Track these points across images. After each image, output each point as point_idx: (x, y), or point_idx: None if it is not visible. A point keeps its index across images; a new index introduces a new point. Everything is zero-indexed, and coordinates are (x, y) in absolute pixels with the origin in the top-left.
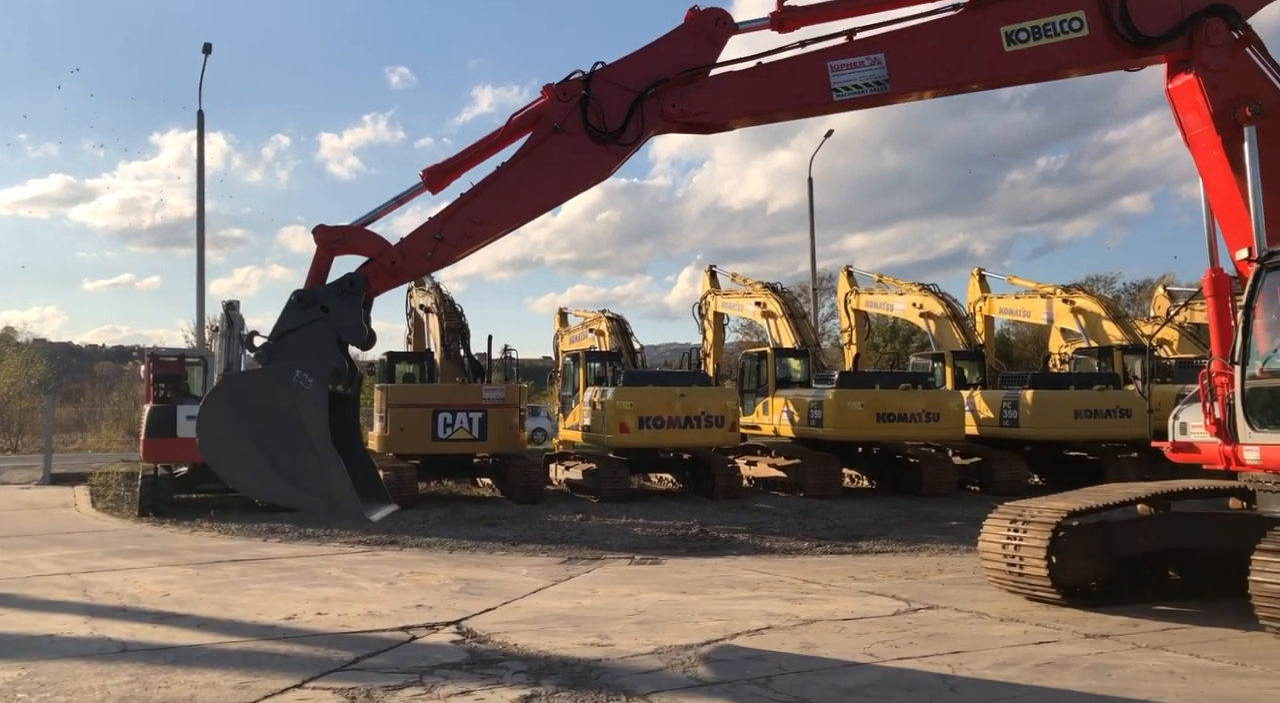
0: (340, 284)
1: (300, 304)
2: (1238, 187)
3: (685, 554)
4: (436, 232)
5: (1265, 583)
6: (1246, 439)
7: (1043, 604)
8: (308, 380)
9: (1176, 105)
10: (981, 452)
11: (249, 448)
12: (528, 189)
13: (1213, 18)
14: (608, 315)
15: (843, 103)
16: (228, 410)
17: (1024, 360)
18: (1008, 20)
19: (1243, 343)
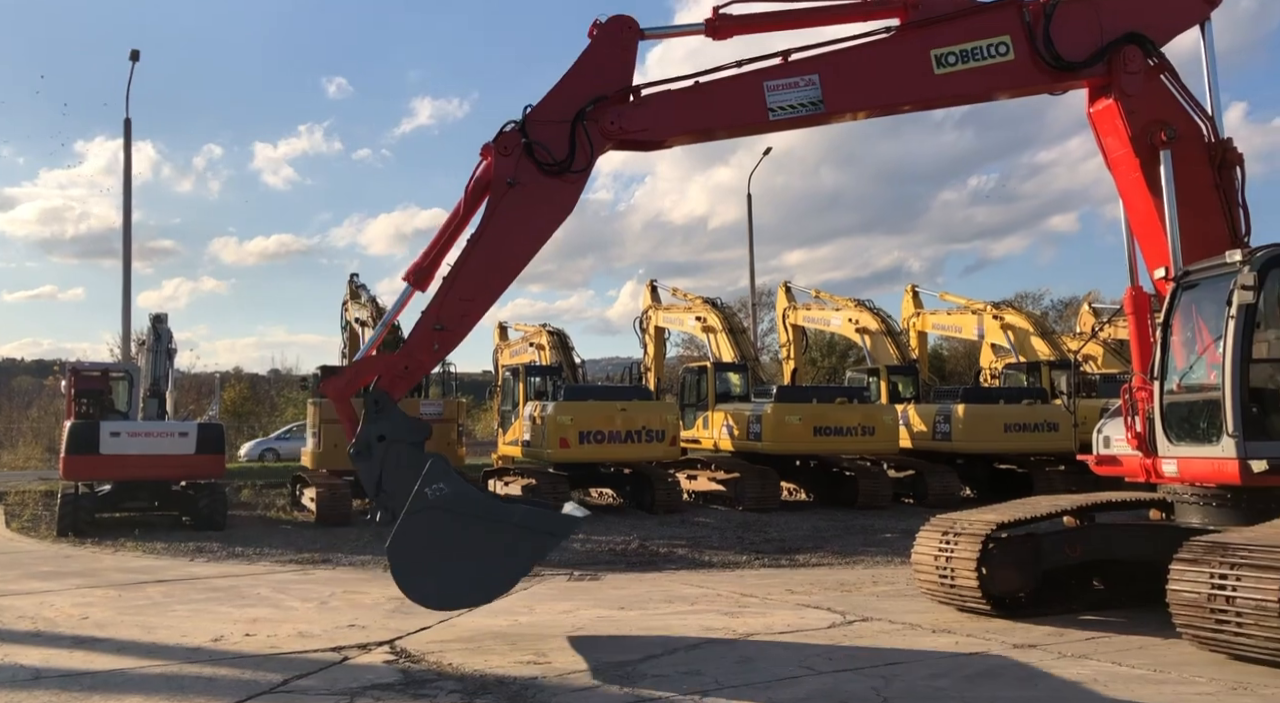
0: (370, 413)
1: (364, 454)
2: (1155, 207)
3: (624, 570)
4: (434, 323)
5: (1182, 592)
6: (1165, 452)
7: (973, 615)
8: (440, 488)
9: (1098, 129)
10: (915, 464)
11: (477, 565)
12: (504, 251)
13: (1130, 45)
14: (548, 329)
15: (779, 122)
16: (437, 562)
17: (956, 375)
18: (937, 44)
19: (1161, 359)
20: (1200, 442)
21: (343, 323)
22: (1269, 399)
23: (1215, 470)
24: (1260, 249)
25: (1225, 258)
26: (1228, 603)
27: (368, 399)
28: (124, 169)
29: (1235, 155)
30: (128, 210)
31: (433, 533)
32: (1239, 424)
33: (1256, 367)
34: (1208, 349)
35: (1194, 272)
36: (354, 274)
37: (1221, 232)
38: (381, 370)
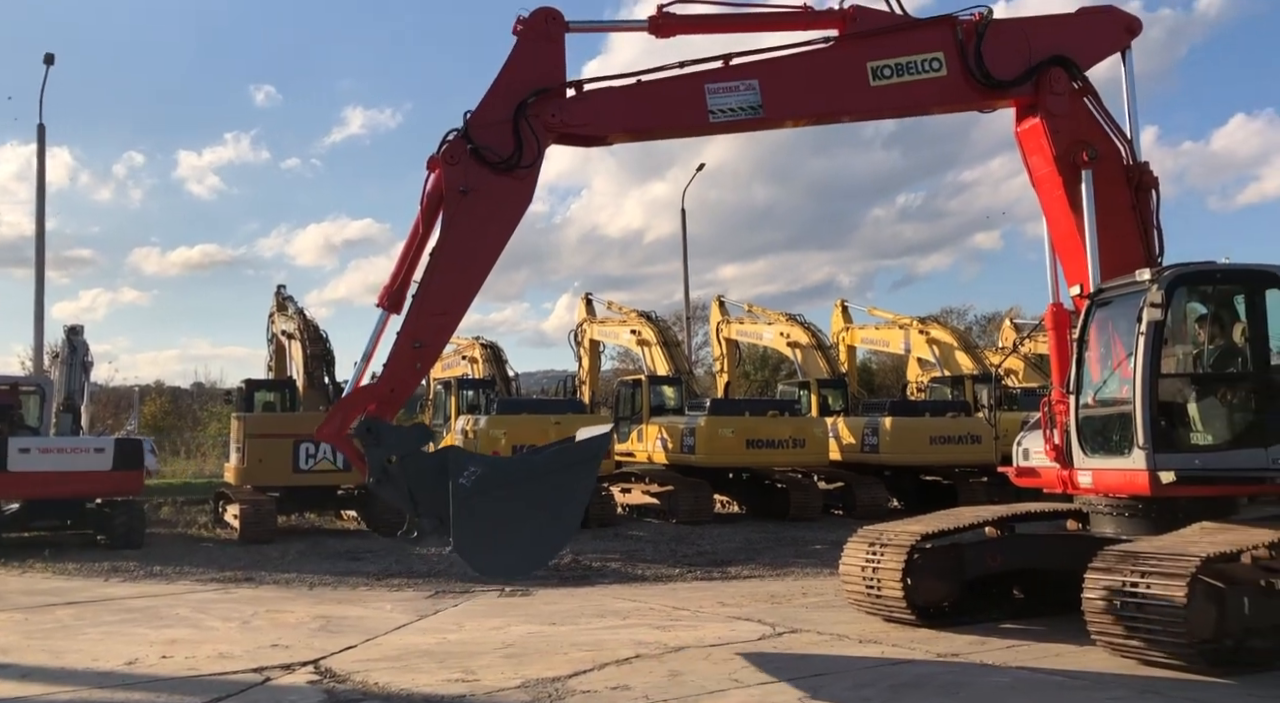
0: (369, 442)
1: (384, 480)
2: (1075, 225)
3: (557, 585)
4: (412, 342)
5: (1096, 600)
6: (1081, 464)
7: (899, 625)
8: (472, 472)
9: (1024, 147)
10: (844, 476)
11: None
12: (468, 259)
13: (1055, 67)
14: (481, 342)
15: (719, 125)
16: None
17: (884, 388)
18: (874, 56)
19: (1076, 374)
20: (1113, 454)
21: (269, 335)
22: (1177, 413)
23: (1127, 482)
24: (1167, 268)
25: (1135, 276)
26: (1138, 610)
27: (359, 430)
28: (37, 176)
29: (1151, 178)
30: (41, 218)
31: (486, 515)
32: (1149, 437)
33: (1165, 381)
34: (1120, 364)
35: (1107, 289)
36: (281, 286)
37: (1137, 251)
38: (368, 401)
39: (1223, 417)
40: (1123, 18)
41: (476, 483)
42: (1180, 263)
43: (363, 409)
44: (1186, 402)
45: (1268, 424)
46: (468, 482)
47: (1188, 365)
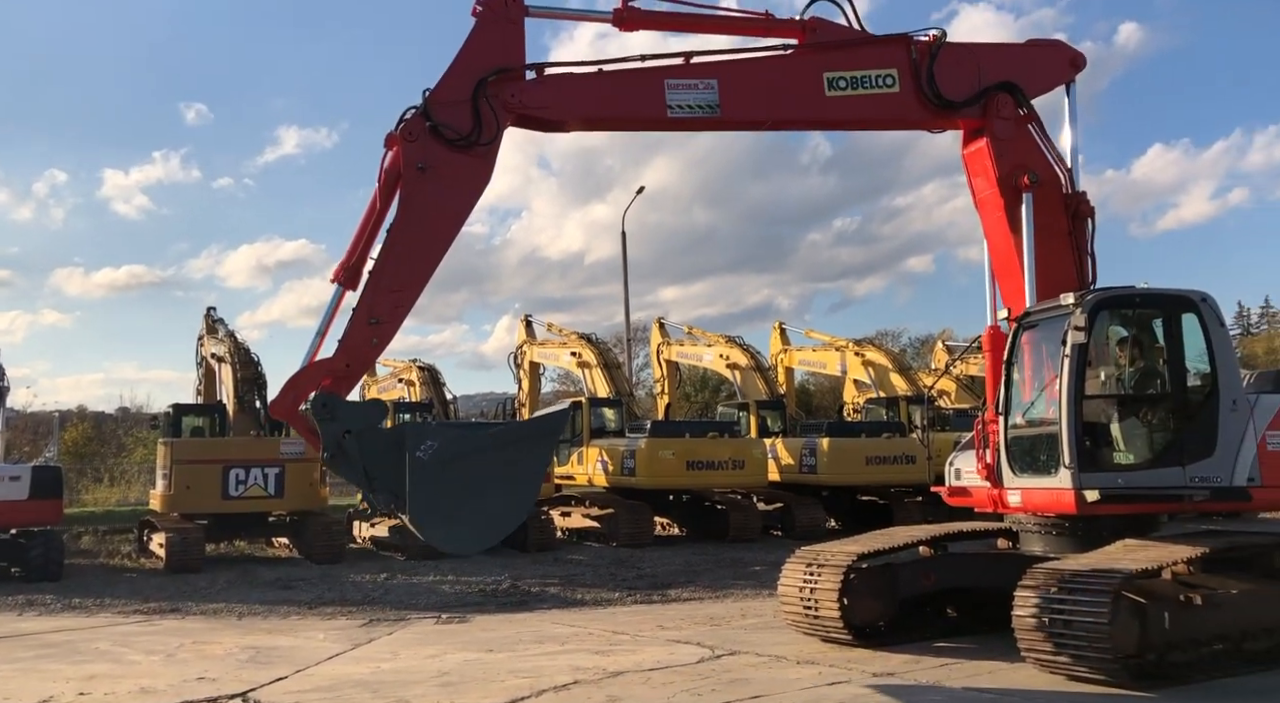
0: (323, 417)
1: (339, 456)
2: (1014, 247)
3: (495, 611)
4: (368, 318)
5: (1025, 617)
6: (1010, 483)
7: (836, 646)
8: (429, 445)
9: (969, 169)
10: (783, 497)
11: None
12: (426, 236)
13: (1003, 93)
14: (418, 365)
15: (676, 121)
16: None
17: (822, 409)
18: (830, 67)
19: (1005, 395)
20: (1040, 474)
21: (198, 359)
22: (1100, 433)
23: (1054, 501)
24: (1090, 293)
25: (1060, 300)
26: (1065, 627)
27: (314, 404)
28: None
29: (1088, 207)
30: None
31: (441, 485)
32: (1074, 457)
33: (1089, 402)
34: (1046, 386)
35: (1033, 313)
36: (211, 308)
37: (1071, 276)
38: (322, 375)
39: (1143, 437)
40: (1068, 52)
41: (434, 456)
42: (1102, 287)
43: (317, 384)
44: (1109, 422)
45: (1185, 444)
46: (425, 455)
47: (1110, 387)
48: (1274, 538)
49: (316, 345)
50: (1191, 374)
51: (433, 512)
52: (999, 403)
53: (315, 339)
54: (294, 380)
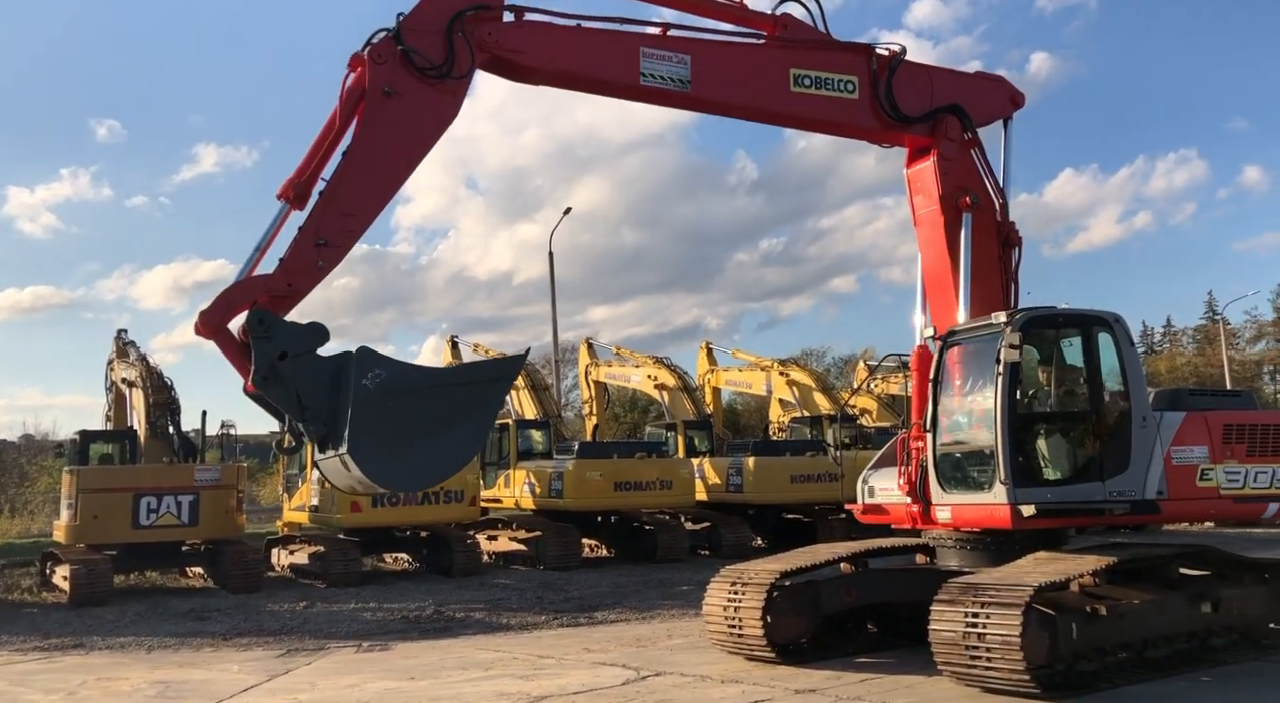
0: (258, 336)
1: (271, 379)
2: (949, 266)
3: (418, 637)
4: (316, 239)
5: (942, 631)
6: (939, 500)
7: (760, 664)
8: (377, 374)
9: (911, 186)
10: (710, 516)
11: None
12: (385, 162)
13: (951, 116)
14: None
15: (647, 90)
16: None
17: (749, 428)
18: (797, 64)
19: (932, 413)
20: (972, 490)
21: (108, 383)
22: (1031, 449)
23: (988, 516)
24: (1018, 312)
25: (990, 319)
26: (979, 640)
27: (250, 321)
28: None
29: (1017, 237)
30: None
31: (385, 418)
32: (1009, 472)
33: (1020, 419)
34: (976, 403)
35: (960, 332)
36: (122, 331)
37: (998, 299)
38: (259, 292)
39: (1068, 452)
40: (1010, 89)
41: (380, 385)
42: (1028, 307)
43: (252, 301)
44: (1038, 438)
45: (1104, 459)
46: (372, 382)
47: (1039, 404)
48: (1173, 550)
49: (254, 262)
50: (1107, 392)
51: (372, 444)
52: (925, 420)
53: (254, 254)
54: (228, 294)
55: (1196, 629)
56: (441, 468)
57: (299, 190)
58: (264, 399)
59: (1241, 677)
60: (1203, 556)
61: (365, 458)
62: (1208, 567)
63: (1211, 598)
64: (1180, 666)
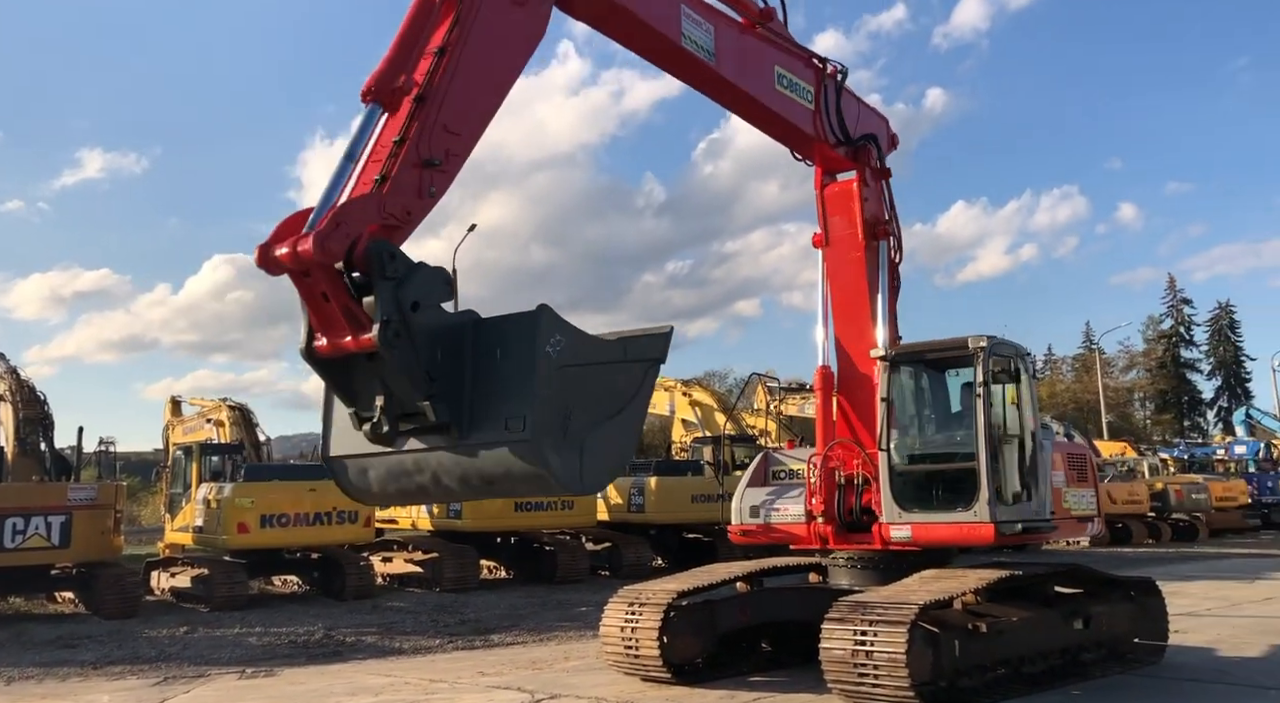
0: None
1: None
2: (863, 288)
3: (306, 663)
4: (423, 156)
5: (832, 649)
6: (894, 518)
7: (655, 684)
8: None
9: (828, 206)
10: (611, 537)
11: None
12: (486, 72)
13: (871, 145)
14: (229, 404)
15: (681, 53)
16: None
17: (653, 448)
18: (780, 63)
19: (885, 431)
20: (942, 509)
21: None
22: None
23: (965, 534)
24: (984, 337)
25: (968, 342)
26: (867, 657)
27: (377, 254)
28: None
29: (899, 277)
30: None
31: (561, 400)
32: (993, 492)
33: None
34: (942, 423)
35: (913, 352)
36: None
37: (894, 327)
38: (373, 216)
39: (1015, 474)
40: (890, 130)
41: (560, 356)
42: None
43: (363, 228)
44: (999, 459)
45: (1031, 481)
46: (554, 351)
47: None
48: (1049, 568)
49: (350, 173)
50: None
51: (556, 432)
52: (881, 439)
53: (347, 165)
54: (339, 214)
55: (1069, 645)
56: (617, 463)
57: (395, 91)
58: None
59: (1109, 690)
60: (1075, 574)
61: (551, 454)
62: (1079, 585)
63: (1083, 615)
64: (1054, 680)
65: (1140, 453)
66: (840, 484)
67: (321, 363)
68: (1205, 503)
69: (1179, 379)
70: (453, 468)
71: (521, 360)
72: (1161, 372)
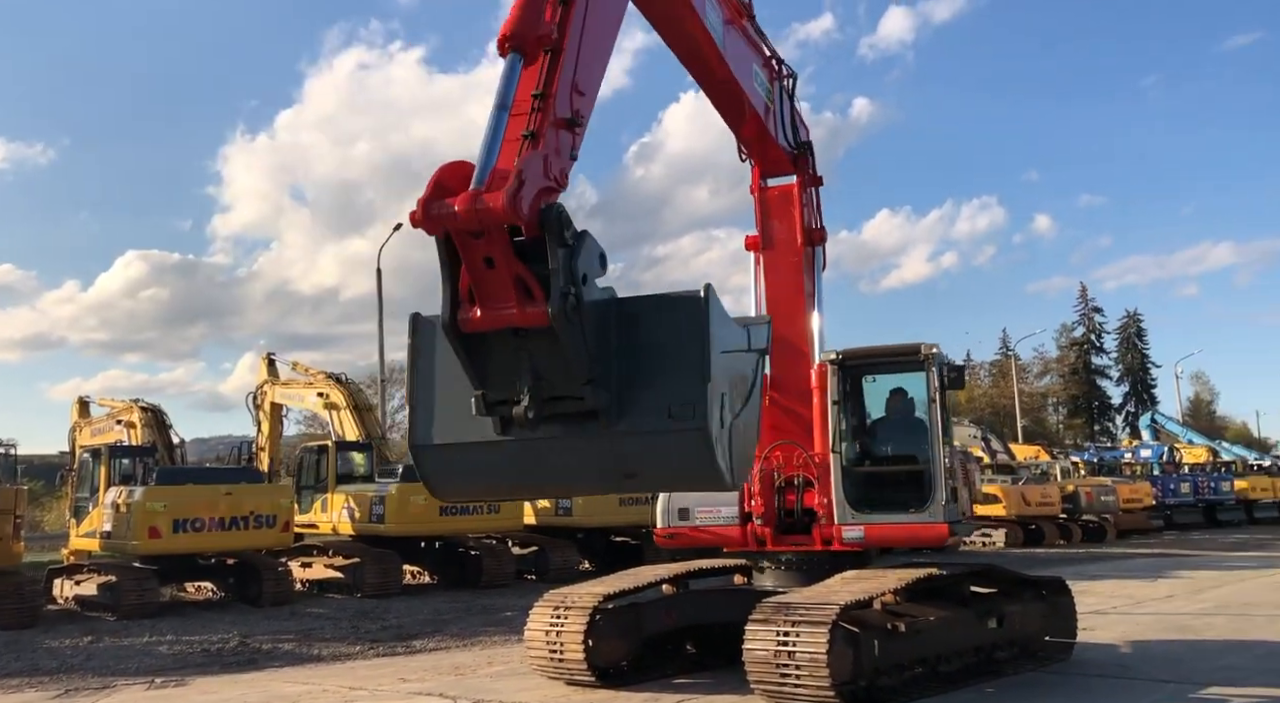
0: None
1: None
2: (799, 292)
3: (219, 671)
4: (564, 115)
5: (755, 650)
6: (847, 520)
7: (580, 688)
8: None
9: (768, 208)
10: (538, 540)
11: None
12: (604, 28)
13: (809, 152)
14: (141, 405)
15: (700, 30)
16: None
17: None
18: (755, 59)
19: (836, 436)
20: (896, 510)
21: None
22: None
23: (917, 534)
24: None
25: (920, 348)
26: (789, 658)
27: (556, 218)
28: None
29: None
30: None
31: (719, 388)
32: (946, 494)
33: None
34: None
35: (862, 356)
36: None
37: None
38: (542, 179)
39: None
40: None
41: (722, 340)
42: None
43: (538, 189)
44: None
45: (959, 482)
46: (719, 334)
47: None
48: (965, 569)
49: (507, 126)
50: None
51: (717, 425)
52: (833, 443)
53: (503, 116)
54: (525, 170)
55: (984, 644)
56: (752, 456)
57: (540, 39)
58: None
59: (1020, 687)
60: (990, 574)
61: (717, 441)
62: (994, 585)
63: (997, 614)
64: (969, 678)
65: (1053, 457)
66: (779, 486)
67: (466, 337)
68: (1113, 505)
69: (1090, 385)
70: (594, 458)
71: (687, 343)
72: (1074, 378)
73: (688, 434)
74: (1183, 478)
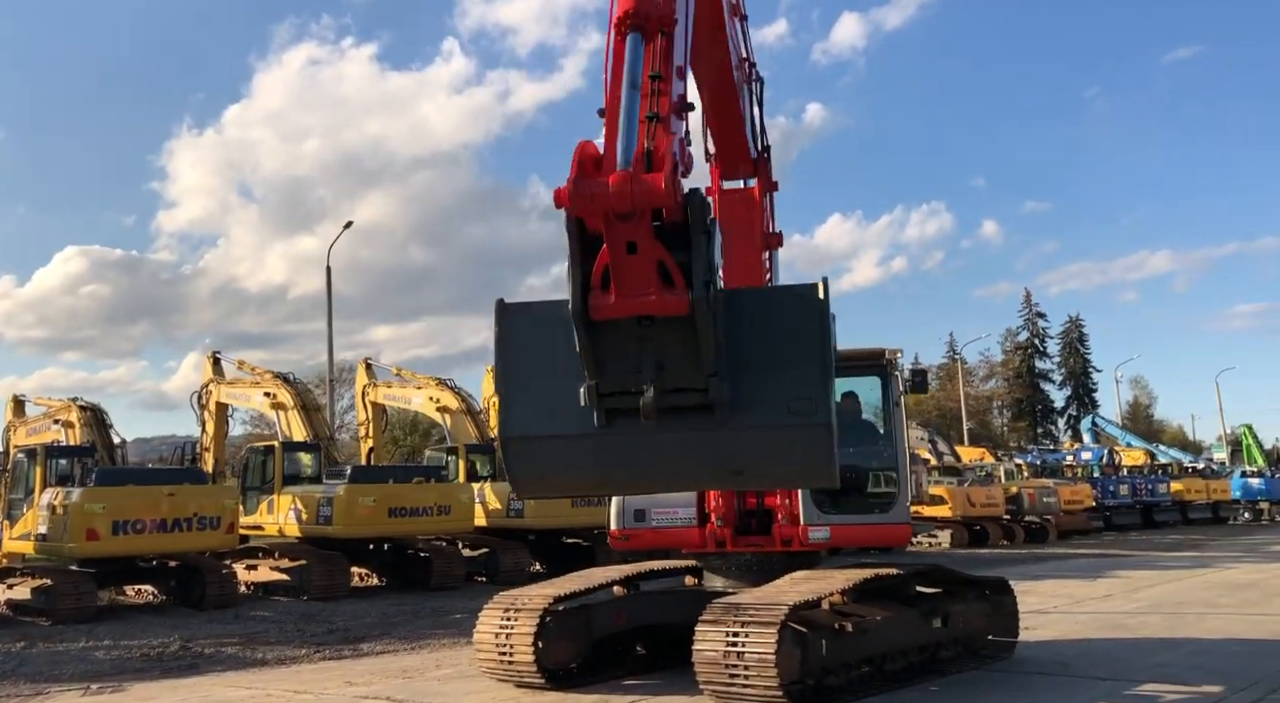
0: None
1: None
2: None
3: (159, 677)
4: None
5: (705, 651)
6: (814, 521)
7: (530, 690)
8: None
9: (731, 212)
10: (489, 542)
11: None
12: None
13: (768, 157)
14: (79, 404)
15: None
16: None
17: None
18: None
19: None
20: (863, 512)
21: None
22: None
23: (886, 535)
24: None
25: (884, 352)
26: (738, 658)
27: (700, 204)
28: None
29: None
30: None
31: None
32: (910, 496)
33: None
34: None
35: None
36: None
37: None
38: (679, 164)
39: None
40: None
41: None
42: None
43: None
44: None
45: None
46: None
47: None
48: (911, 569)
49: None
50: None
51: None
52: None
53: (636, 96)
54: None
55: (928, 643)
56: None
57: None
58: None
59: (964, 685)
60: (935, 575)
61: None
62: (939, 585)
63: (941, 613)
64: (913, 677)
65: (998, 459)
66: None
67: (595, 325)
68: (1055, 506)
69: (1034, 388)
70: (706, 453)
71: (807, 337)
72: (1018, 381)
73: (811, 430)
74: (1121, 480)
